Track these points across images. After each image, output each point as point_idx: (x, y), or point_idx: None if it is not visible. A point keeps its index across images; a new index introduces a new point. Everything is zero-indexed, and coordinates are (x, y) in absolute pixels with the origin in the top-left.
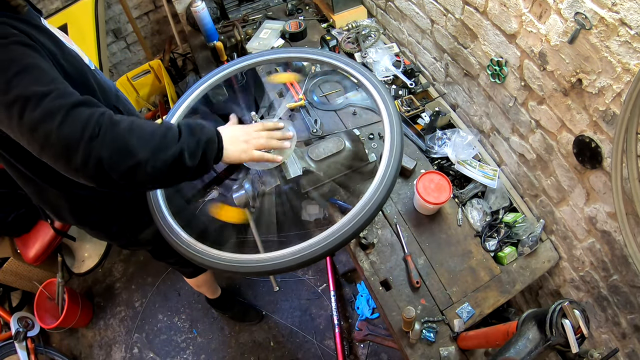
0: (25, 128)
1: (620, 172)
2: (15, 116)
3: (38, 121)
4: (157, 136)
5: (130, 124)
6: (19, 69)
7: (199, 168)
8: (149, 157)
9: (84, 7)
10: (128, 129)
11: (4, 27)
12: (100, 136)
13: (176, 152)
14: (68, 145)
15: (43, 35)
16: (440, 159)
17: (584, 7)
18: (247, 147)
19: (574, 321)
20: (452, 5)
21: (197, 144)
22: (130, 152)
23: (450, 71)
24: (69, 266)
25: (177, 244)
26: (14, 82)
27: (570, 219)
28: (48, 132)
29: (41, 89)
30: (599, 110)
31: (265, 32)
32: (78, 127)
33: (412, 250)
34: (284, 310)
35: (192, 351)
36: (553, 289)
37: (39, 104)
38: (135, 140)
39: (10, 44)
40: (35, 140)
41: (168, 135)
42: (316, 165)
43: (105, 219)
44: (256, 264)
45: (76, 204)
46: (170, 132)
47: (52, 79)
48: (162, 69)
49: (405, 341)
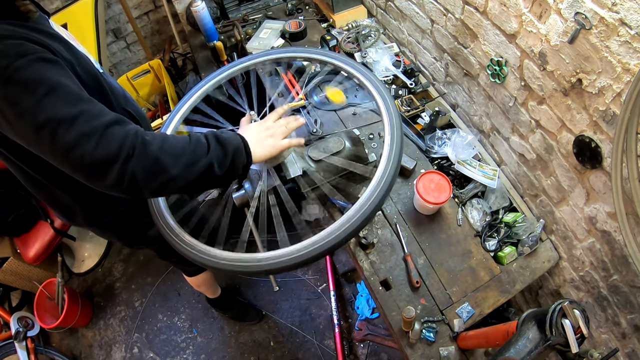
0: (58, 151)
1: (620, 172)
2: (46, 139)
3: (72, 145)
4: (188, 152)
5: (161, 142)
6: (46, 90)
7: (228, 175)
8: (180, 172)
9: (84, 7)
10: (159, 147)
11: (21, 43)
12: (135, 156)
13: (206, 164)
14: (103, 166)
15: (57, 43)
16: (440, 158)
17: (584, 7)
18: (274, 141)
19: (574, 321)
20: (452, 5)
21: (225, 154)
22: (163, 169)
23: (450, 71)
24: (69, 266)
25: (178, 244)
26: (43, 103)
27: (570, 218)
28: (82, 155)
29: (72, 111)
30: (599, 110)
31: (265, 32)
32: (113, 149)
33: (412, 250)
34: (284, 310)
35: (192, 351)
36: (553, 289)
37: (71, 127)
38: (167, 157)
39: (33, 62)
40: (68, 162)
41: (197, 149)
42: (316, 165)
43: (117, 219)
44: (254, 264)
45: (90, 207)
46: (200, 146)
47: (79, 98)
48: (162, 69)
49: (405, 341)
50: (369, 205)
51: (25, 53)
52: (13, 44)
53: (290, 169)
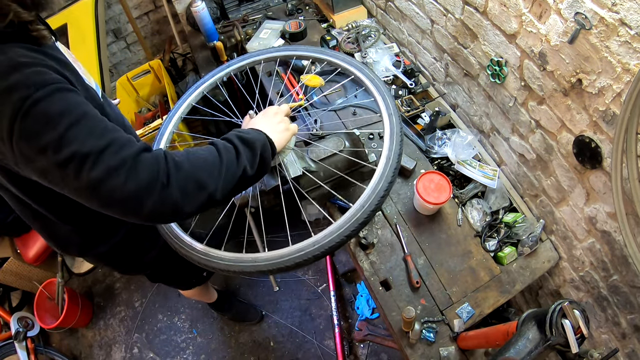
0: (83, 187)
1: (620, 172)
2: (70, 175)
3: (101, 179)
4: (219, 163)
5: (192, 160)
6: (70, 122)
7: (260, 172)
8: (218, 185)
9: (84, 7)
10: (192, 166)
11: (40, 71)
12: (171, 183)
13: (239, 171)
14: (137, 198)
15: (68, 71)
16: (440, 159)
17: (584, 7)
18: (285, 125)
19: (574, 321)
20: (452, 5)
21: (254, 153)
22: (201, 187)
23: (450, 71)
24: (69, 266)
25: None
26: (67, 137)
27: (570, 219)
28: (113, 189)
29: (98, 143)
30: (599, 110)
31: (265, 32)
32: (145, 180)
33: (412, 250)
34: (284, 310)
35: (192, 351)
36: (553, 289)
37: (98, 161)
38: (202, 174)
39: (54, 92)
40: (95, 198)
41: (228, 157)
42: (316, 165)
43: (112, 249)
44: (253, 264)
45: (87, 238)
46: (229, 153)
47: (105, 128)
48: (162, 69)
49: (405, 341)
50: (367, 206)
51: (46, 83)
52: (32, 73)
53: (290, 169)
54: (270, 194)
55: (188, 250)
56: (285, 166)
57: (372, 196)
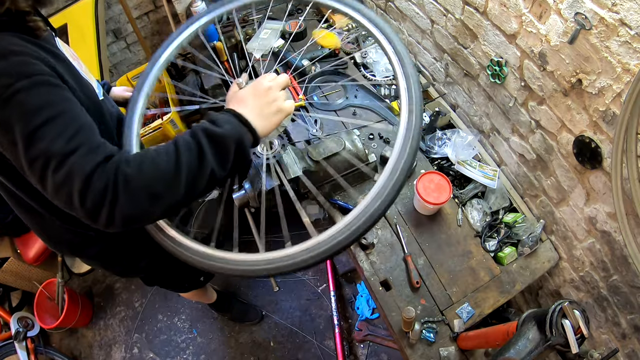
0: (47, 187)
1: (620, 172)
2: (36, 173)
3: (61, 183)
4: (175, 171)
5: (144, 172)
6: (45, 119)
7: (235, 170)
8: (176, 193)
9: (84, 7)
10: (143, 179)
11: (26, 61)
12: (119, 200)
13: (204, 174)
14: (92, 209)
15: (62, 66)
16: (440, 159)
17: (584, 7)
18: (277, 106)
19: (574, 321)
20: (452, 5)
21: (225, 153)
22: (155, 198)
23: (450, 71)
24: (69, 266)
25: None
26: (38, 135)
27: (570, 219)
28: (71, 195)
29: (66, 146)
30: (599, 110)
31: (265, 32)
32: (96, 193)
33: (412, 251)
34: (284, 310)
35: (192, 351)
36: (553, 289)
37: (62, 164)
38: (155, 186)
39: (38, 85)
40: (57, 199)
41: (189, 162)
42: (316, 165)
43: (103, 250)
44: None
45: (79, 238)
46: (191, 157)
47: (78, 129)
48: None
49: (405, 341)
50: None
51: (30, 74)
52: (18, 62)
53: (290, 169)
54: (270, 193)
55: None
56: (286, 166)
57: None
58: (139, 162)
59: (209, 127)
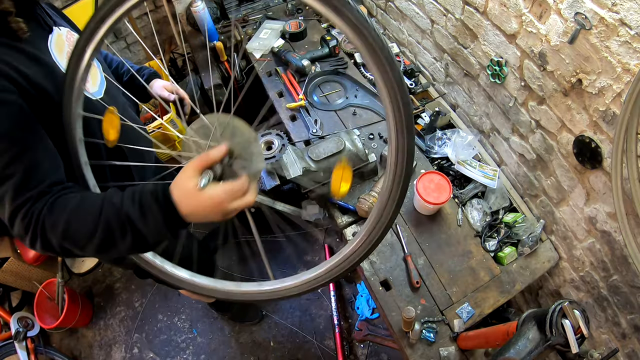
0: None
1: (620, 172)
2: None
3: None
4: (88, 239)
5: (61, 231)
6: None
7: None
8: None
9: (84, 7)
10: (56, 238)
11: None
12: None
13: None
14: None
15: (41, 71)
16: (440, 159)
17: (584, 7)
18: (226, 212)
19: (574, 321)
20: (452, 5)
21: (143, 245)
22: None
23: (450, 71)
24: (69, 266)
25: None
26: None
27: (570, 219)
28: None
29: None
30: (599, 110)
31: (265, 32)
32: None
33: (412, 251)
34: (284, 310)
35: (192, 351)
36: (553, 289)
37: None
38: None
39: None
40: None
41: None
42: (316, 165)
43: None
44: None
45: None
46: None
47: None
48: (161, 69)
49: (405, 341)
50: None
51: None
52: None
53: (290, 169)
54: (270, 193)
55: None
56: (286, 166)
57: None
58: (60, 213)
59: (136, 220)
